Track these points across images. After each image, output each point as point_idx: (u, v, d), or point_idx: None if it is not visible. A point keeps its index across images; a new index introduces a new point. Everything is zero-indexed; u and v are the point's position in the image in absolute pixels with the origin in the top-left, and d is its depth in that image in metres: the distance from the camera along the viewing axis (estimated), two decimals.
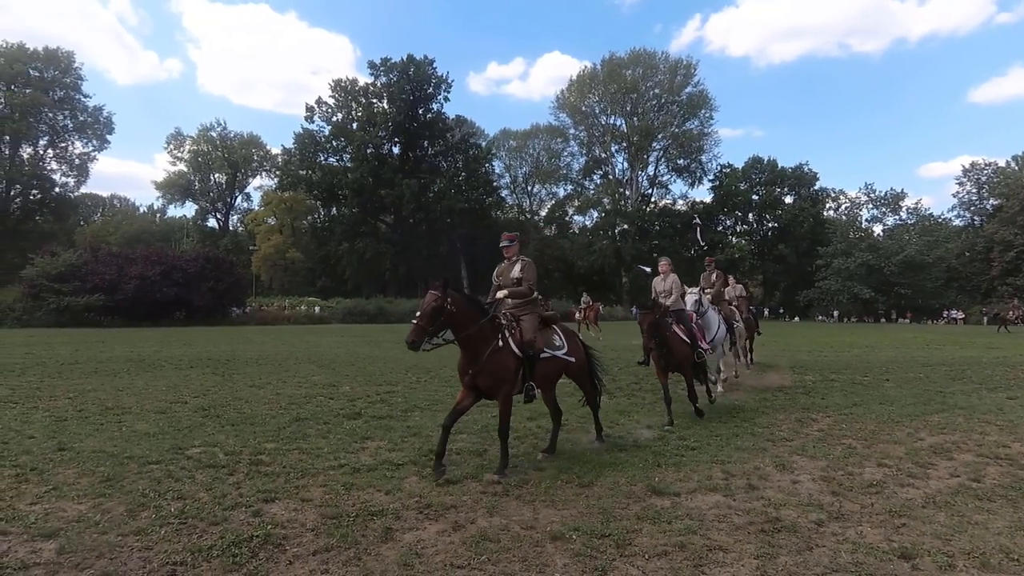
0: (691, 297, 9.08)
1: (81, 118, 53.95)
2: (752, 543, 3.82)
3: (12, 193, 51.54)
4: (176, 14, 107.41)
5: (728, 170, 67.18)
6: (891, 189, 63.79)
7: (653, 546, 3.75)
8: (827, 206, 67.89)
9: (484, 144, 66.72)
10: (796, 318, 59.65)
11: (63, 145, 54.16)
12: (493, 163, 67.06)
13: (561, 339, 5.95)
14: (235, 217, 73.78)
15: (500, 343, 5.32)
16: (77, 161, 55.28)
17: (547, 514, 4.33)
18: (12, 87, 49.64)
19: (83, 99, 53.78)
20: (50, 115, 52.31)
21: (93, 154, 56.00)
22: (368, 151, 57.87)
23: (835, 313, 58.65)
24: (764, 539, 3.88)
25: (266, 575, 3.38)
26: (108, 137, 55.73)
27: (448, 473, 5.13)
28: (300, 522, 4.15)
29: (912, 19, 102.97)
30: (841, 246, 58.48)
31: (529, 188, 73.47)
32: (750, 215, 68.47)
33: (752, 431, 7.05)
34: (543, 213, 73.62)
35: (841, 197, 67.27)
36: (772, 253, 65.02)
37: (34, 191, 52.65)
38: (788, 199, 67.59)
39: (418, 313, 5.01)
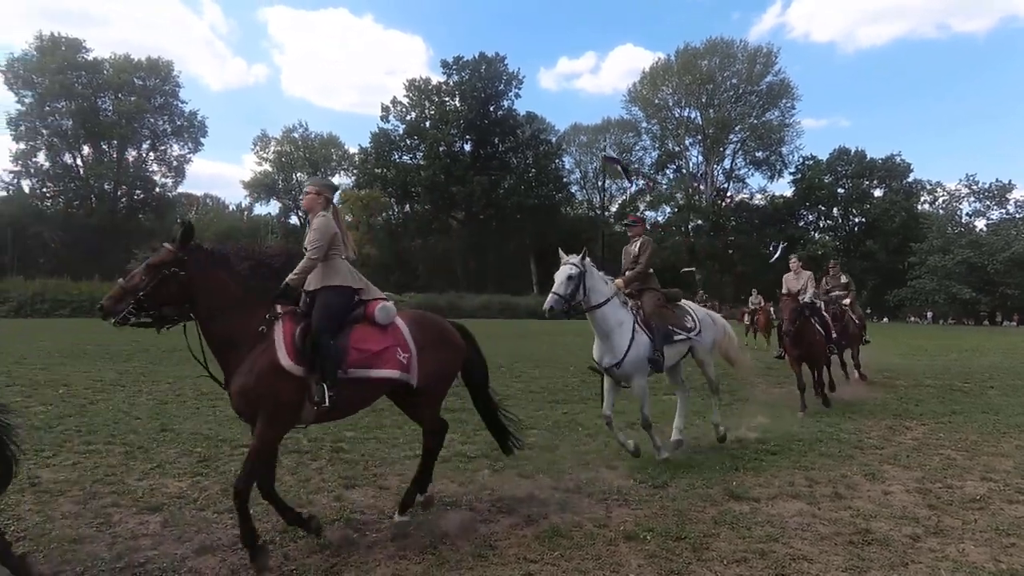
0: (565, 269, 5.26)
1: (178, 123, 57.89)
2: (839, 554, 3.63)
3: (119, 193, 56.03)
4: (262, 22, 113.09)
5: (811, 162, 63.82)
6: (996, 180, 58.60)
7: (731, 552, 3.64)
8: (922, 199, 63.39)
9: (554, 140, 66.46)
10: (885, 319, 56.06)
11: (162, 148, 58.35)
12: (563, 159, 66.81)
13: None
14: None
15: None
16: (175, 163, 59.44)
17: (620, 513, 4.29)
18: (119, 95, 54.00)
19: (180, 105, 57.73)
20: (151, 120, 56.43)
21: (189, 156, 60.08)
22: (440, 149, 58.92)
23: (929, 314, 54.71)
24: (852, 551, 3.68)
25: (348, 557, 3.52)
26: (202, 140, 59.67)
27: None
28: (379, 508, 4.31)
29: None
30: (938, 242, 54.43)
31: (599, 183, 72.62)
32: (835, 210, 64.76)
33: (837, 437, 6.69)
34: (614, 208, 72.56)
35: (938, 190, 62.65)
36: (859, 250, 61.25)
37: (137, 191, 57.23)
38: (877, 192, 63.46)
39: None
